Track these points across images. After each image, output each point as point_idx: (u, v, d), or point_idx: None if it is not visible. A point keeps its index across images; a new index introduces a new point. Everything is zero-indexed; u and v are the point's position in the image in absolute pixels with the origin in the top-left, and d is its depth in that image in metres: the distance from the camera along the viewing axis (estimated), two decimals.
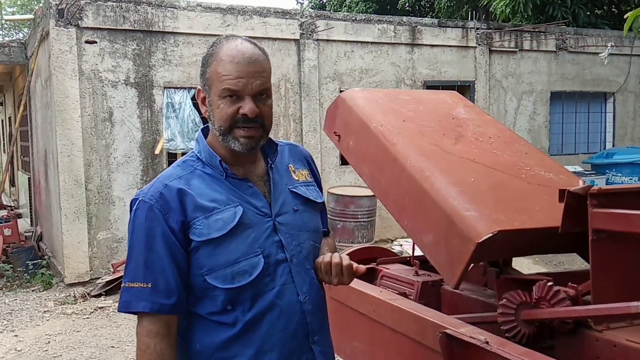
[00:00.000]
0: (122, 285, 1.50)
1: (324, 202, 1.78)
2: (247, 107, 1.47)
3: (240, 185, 1.55)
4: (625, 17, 3.79)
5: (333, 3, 19.56)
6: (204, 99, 1.56)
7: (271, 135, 1.65)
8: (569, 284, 2.04)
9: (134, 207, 1.52)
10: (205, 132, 1.63)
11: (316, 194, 1.70)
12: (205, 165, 1.57)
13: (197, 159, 1.59)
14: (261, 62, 1.51)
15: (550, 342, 2.08)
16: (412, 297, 2.74)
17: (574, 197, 1.98)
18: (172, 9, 7.68)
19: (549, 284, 2.02)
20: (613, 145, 11.29)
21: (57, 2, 7.03)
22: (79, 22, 7.15)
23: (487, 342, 1.88)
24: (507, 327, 2.07)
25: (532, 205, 2.28)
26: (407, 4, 17.79)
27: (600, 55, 9.75)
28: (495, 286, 2.38)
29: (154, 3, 7.61)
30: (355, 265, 1.57)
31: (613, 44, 9.82)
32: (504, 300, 2.10)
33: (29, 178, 10.46)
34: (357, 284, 2.73)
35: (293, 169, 1.68)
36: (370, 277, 3.04)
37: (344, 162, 8.56)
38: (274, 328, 1.51)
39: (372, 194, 7.20)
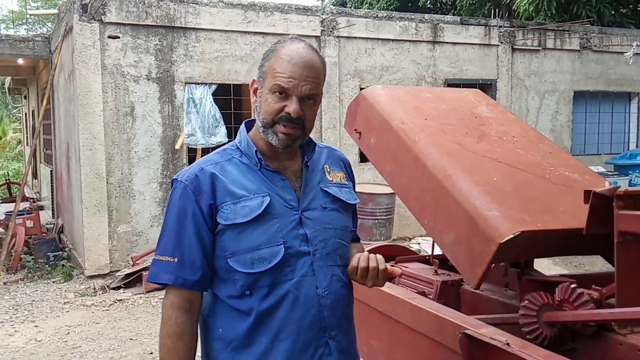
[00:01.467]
0: (154, 256, 1.59)
1: (356, 206, 1.81)
2: (292, 107, 1.53)
3: (272, 177, 1.61)
4: None
5: (354, 0, 19.49)
6: (256, 90, 1.62)
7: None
8: (593, 286, 2.01)
9: (173, 186, 1.61)
10: (248, 125, 1.70)
11: (349, 195, 1.74)
12: (243, 155, 1.63)
13: (236, 149, 1.66)
14: (316, 69, 1.57)
15: (572, 345, 2.05)
16: (431, 297, 2.72)
17: (600, 199, 1.95)
18: (194, 4, 7.72)
19: (572, 286, 1.98)
20: (637, 146, 11.11)
21: None
22: (102, 17, 7.22)
23: (508, 344, 1.85)
24: (529, 328, 2.04)
25: (556, 205, 2.24)
26: (428, 2, 17.66)
27: (625, 54, 9.60)
28: (517, 287, 2.35)
29: None
30: (390, 268, 1.62)
31: (638, 43, 9.65)
32: (526, 301, 2.08)
33: (51, 171, 10.61)
34: None
35: (328, 170, 1.73)
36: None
37: (362, 159, 8.53)
38: (289, 318, 1.54)
39: (390, 191, 7.17)
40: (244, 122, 1.73)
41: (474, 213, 2.16)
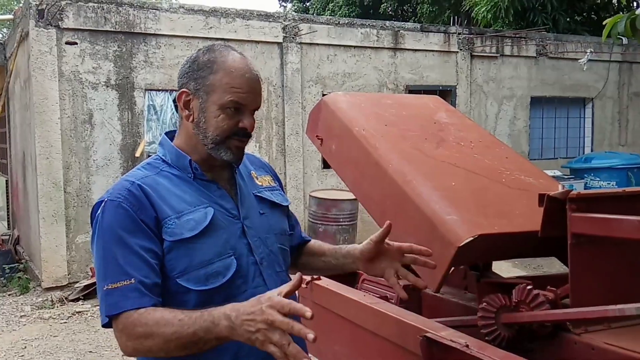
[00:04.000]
0: (102, 290, 1.40)
1: (288, 207, 1.79)
2: (247, 121, 1.50)
3: (208, 186, 1.54)
4: (604, 23, 3.85)
5: (316, 7, 19.58)
6: (188, 102, 1.53)
7: (252, 139, 1.65)
8: (548, 287, 2.05)
9: (99, 209, 1.46)
10: (168, 136, 1.64)
11: (282, 197, 1.72)
12: (172, 167, 1.55)
13: (162, 162, 1.57)
14: (259, 81, 1.56)
15: (529, 346, 2.09)
16: (393, 301, 2.74)
17: (554, 202, 2.00)
18: (154, 10, 7.63)
19: (529, 287, 2.03)
20: (592, 150, 11.44)
21: (37, 3, 6.95)
22: (60, 22, 7.07)
23: (467, 346, 1.87)
24: (487, 330, 2.08)
25: (512, 209, 2.29)
26: (389, 9, 17.86)
27: (579, 61, 9.89)
28: (476, 290, 2.39)
29: (135, 4, 7.56)
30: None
31: (592, 50, 9.97)
32: (484, 303, 2.11)
33: (6, 180, 10.31)
34: (338, 287, 2.73)
35: (255, 175, 1.70)
36: (351, 280, 3.04)
37: (326, 165, 8.56)
38: None
39: (354, 197, 7.21)
40: (164, 134, 1.65)
41: (433, 217, 2.19)
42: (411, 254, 1.70)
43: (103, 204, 1.46)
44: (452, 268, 2.23)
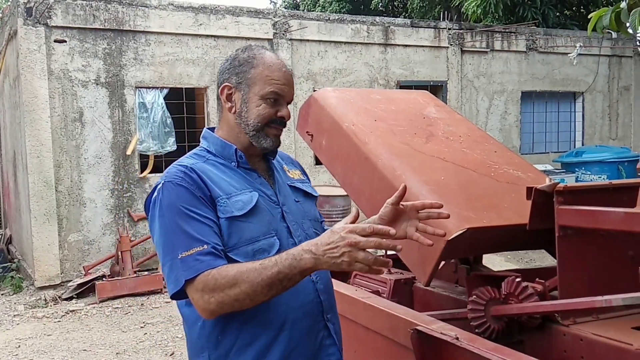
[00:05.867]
0: (177, 259, 1.47)
1: (317, 198, 1.93)
2: (285, 111, 1.67)
3: (250, 174, 1.69)
4: (589, 17, 3.87)
5: (306, 2, 19.54)
6: (231, 95, 1.67)
7: None
8: (537, 279, 2.07)
9: (157, 192, 1.57)
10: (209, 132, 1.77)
11: (312, 189, 1.88)
12: (217, 157, 1.69)
13: (207, 152, 1.70)
14: (293, 75, 1.75)
15: (519, 337, 2.11)
16: (385, 295, 2.76)
17: (541, 195, 2.02)
18: (143, 7, 7.60)
19: (517, 280, 2.05)
20: (582, 144, 11.51)
21: (25, 1, 6.90)
22: (48, 20, 7.03)
23: (457, 338, 1.89)
24: (477, 322, 2.10)
25: (500, 202, 2.31)
26: (380, 4, 17.87)
27: (569, 55, 9.93)
28: (466, 283, 2.40)
29: (124, 2, 7.52)
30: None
31: (582, 44, 10.01)
32: (474, 296, 2.13)
33: None
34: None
35: (287, 169, 1.86)
36: (344, 275, 3.05)
37: (318, 162, 8.56)
38: (290, 307, 1.58)
39: (346, 193, 7.22)
40: (205, 128, 1.77)
41: None
42: (424, 210, 1.72)
43: (161, 186, 1.57)
44: (442, 262, 2.24)
